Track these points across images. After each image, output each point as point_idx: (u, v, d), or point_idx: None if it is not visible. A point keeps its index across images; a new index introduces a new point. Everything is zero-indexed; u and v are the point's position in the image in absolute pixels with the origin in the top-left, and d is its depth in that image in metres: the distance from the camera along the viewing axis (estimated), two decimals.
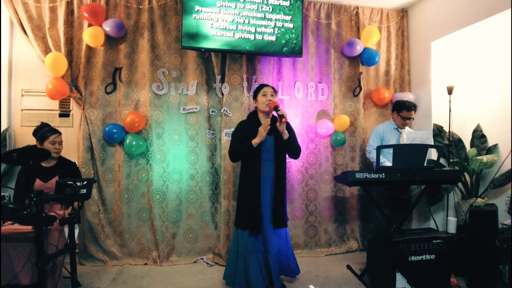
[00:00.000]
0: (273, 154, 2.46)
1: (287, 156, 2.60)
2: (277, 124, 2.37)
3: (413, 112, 3.13)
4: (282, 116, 2.31)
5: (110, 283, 2.74)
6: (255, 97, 2.56)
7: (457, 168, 3.14)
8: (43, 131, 2.57)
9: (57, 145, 2.57)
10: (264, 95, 2.48)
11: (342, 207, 3.65)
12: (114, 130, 3.11)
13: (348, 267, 3.08)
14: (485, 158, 2.97)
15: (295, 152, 2.54)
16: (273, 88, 2.57)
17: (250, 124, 2.53)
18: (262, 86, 2.56)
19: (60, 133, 2.63)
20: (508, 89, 2.99)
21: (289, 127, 2.55)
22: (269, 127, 2.34)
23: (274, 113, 2.46)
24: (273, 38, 3.25)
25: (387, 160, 3.07)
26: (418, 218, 3.60)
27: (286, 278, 2.75)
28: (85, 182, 2.12)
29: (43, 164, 2.56)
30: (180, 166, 3.31)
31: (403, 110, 3.12)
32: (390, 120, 3.30)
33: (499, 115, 3.10)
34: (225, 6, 3.11)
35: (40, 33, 3.08)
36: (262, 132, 2.33)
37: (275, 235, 2.49)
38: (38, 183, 2.50)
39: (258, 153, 2.40)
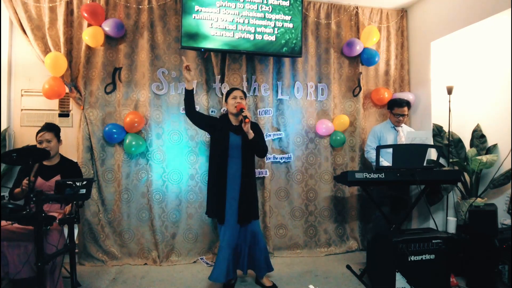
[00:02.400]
0: (240, 152, 2.58)
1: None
2: (242, 124, 2.51)
3: (405, 108, 3.16)
4: (245, 117, 2.46)
5: (109, 283, 2.74)
6: (226, 99, 2.70)
7: (456, 168, 3.15)
8: (37, 132, 2.55)
9: (44, 144, 2.50)
10: (234, 98, 2.63)
11: (342, 207, 3.65)
12: (114, 130, 3.11)
13: (348, 267, 3.08)
14: (484, 158, 2.97)
15: (260, 151, 2.65)
16: (243, 91, 2.71)
17: (220, 122, 2.67)
18: (232, 89, 2.70)
19: (46, 131, 2.52)
20: (508, 89, 2.99)
21: (257, 129, 2.68)
22: (190, 70, 2.53)
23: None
24: (273, 38, 3.25)
25: (385, 160, 3.07)
26: (418, 218, 3.60)
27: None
28: (84, 182, 2.12)
29: (45, 162, 2.56)
30: (179, 166, 3.31)
31: (394, 107, 3.16)
32: (387, 120, 3.32)
33: (499, 115, 3.10)
34: (225, 6, 3.11)
35: (40, 33, 3.07)
36: (185, 74, 2.53)
37: (243, 230, 2.59)
38: (39, 181, 2.50)
39: (225, 150, 2.55)
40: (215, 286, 2.73)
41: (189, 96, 2.57)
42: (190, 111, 2.60)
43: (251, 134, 2.52)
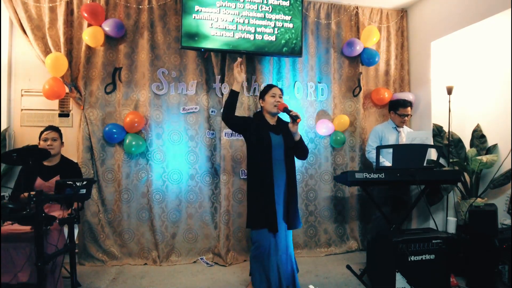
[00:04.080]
0: (283, 154, 2.44)
1: None
2: (290, 125, 2.38)
3: (409, 108, 3.19)
4: (296, 117, 2.31)
5: (109, 283, 2.74)
6: (262, 97, 2.52)
7: (456, 168, 3.14)
8: (41, 131, 2.60)
9: (49, 141, 2.56)
10: (273, 96, 2.45)
11: (342, 207, 3.65)
12: (114, 130, 3.11)
13: (348, 267, 3.08)
14: (484, 158, 2.97)
15: (304, 153, 2.52)
16: (281, 89, 2.54)
17: (255, 121, 2.48)
18: (271, 86, 2.52)
19: (52, 129, 2.61)
20: (508, 89, 2.99)
21: None
22: (242, 72, 2.34)
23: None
24: (273, 38, 3.25)
25: (386, 160, 3.07)
26: (418, 218, 3.60)
27: None
28: (84, 182, 2.12)
29: (45, 163, 2.57)
30: (179, 166, 3.31)
31: (399, 108, 3.16)
32: (389, 120, 3.32)
33: (499, 115, 3.10)
34: (225, 6, 3.11)
35: (40, 33, 3.07)
36: (236, 74, 2.36)
37: (288, 236, 2.45)
38: (39, 181, 2.50)
39: (269, 153, 2.38)
40: (217, 285, 2.73)
41: (233, 99, 2.36)
42: (230, 114, 2.37)
43: (298, 135, 2.41)
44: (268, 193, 2.34)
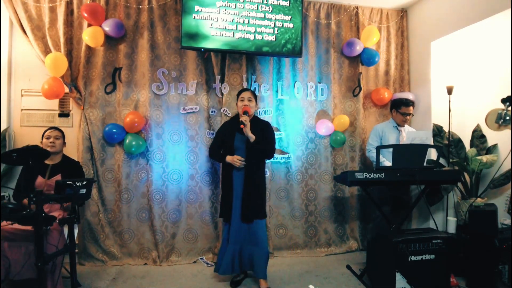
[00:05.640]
0: (245, 152, 2.59)
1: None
2: (243, 129, 2.54)
3: (411, 107, 3.18)
4: (241, 122, 2.51)
5: (109, 283, 2.74)
6: (236, 100, 2.74)
7: (456, 168, 3.14)
8: (44, 130, 2.63)
9: (52, 139, 2.60)
10: (241, 100, 2.66)
11: (342, 207, 3.65)
12: (114, 130, 3.11)
13: (348, 267, 3.08)
14: (484, 158, 2.97)
15: (264, 153, 2.66)
16: (252, 92, 2.72)
17: (230, 125, 2.71)
18: (241, 91, 2.72)
19: (55, 129, 2.67)
20: (508, 89, 2.99)
21: (268, 129, 2.69)
22: (242, 163, 2.56)
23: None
24: (273, 38, 3.25)
25: (386, 160, 3.07)
26: (418, 218, 3.60)
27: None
28: (84, 182, 2.12)
29: (47, 161, 2.58)
30: (179, 166, 3.31)
31: (401, 107, 3.16)
32: (390, 119, 3.31)
33: None
34: (225, 6, 3.11)
35: (40, 33, 3.07)
36: (236, 161, 2.56)
37: (245, 229, 2.60)
38: (40, 180, 2.51)
39: (231, 150, 2.62)
40: (217, 285, 2.73)
41: (222, 162, 2.70)
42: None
43: (252, 138, 2.54)
44: (227, 187, 2.64)
